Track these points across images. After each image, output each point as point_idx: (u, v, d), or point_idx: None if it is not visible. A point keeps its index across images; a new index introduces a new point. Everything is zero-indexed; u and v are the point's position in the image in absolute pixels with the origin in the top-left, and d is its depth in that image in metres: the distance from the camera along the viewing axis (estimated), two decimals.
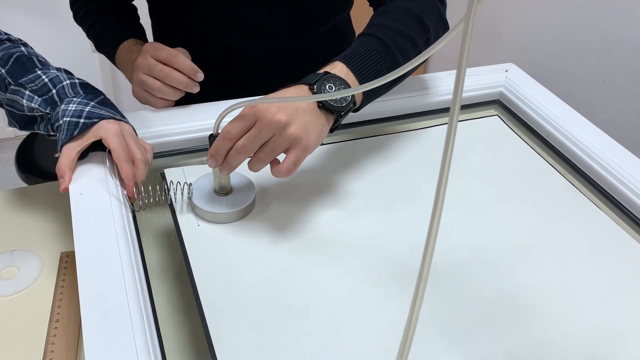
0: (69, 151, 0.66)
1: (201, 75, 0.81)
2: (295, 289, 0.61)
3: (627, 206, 0.75)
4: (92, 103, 0.68)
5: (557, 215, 0.73)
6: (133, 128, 0.71)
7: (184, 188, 0.70)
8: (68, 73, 0.72)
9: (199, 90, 0.82)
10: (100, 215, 0.63)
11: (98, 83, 2.28)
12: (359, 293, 0.61)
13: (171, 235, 0.70)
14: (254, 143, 0.62)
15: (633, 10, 1.37)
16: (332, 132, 0.69)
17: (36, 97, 0.68)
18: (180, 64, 0.80)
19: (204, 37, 0.94)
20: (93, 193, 0.65)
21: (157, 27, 1.03)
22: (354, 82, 0.68)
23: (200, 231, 0.67)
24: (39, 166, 1.48)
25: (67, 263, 0.68)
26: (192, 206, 0.70)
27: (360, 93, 0.69)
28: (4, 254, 0.69)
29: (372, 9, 0.85)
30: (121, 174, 0.66)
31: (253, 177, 0.72)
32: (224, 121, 0.63)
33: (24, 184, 1.47)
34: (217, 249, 0.65)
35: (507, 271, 0.65)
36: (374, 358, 0.55)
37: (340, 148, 0.83)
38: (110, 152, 0.67)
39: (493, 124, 0.91)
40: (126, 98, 2.35)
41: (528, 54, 1.73)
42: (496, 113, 0.94)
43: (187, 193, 0.70)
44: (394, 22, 0.74)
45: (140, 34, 0.95)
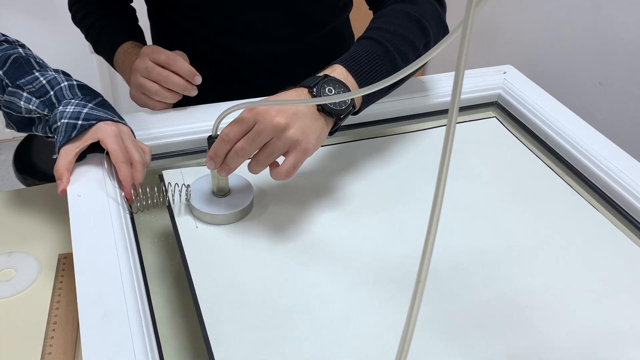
0: (67, 153, 0.66)
1: (199, 78, 0.81)
2: (293, 291, 0.61)
3: (625, 208, 0.75)
4: (90, 105, 0.68)
5: (555, 217, 0.73)
6: (131, 130, 0.71)
7: (182, 189, 0.70)
8: (66, 75, 0.72)
9: (197, 93, 0.82)
10: (98, 217, 0.62)
11: (96, 85, 2.28)
12: (358, 295, 0.61)
13: (169, 237, 0.70)
14: (253, 145, 0.62)
15: (631, 12, 1.37)
16: (332, 135, 0.69)
17: (34, 99, 0.68)
18: (178, 67, 0.79)
19: (203, 40, 0.94)
20: (91, 195, 0.65)
21: (156, 30, 1.03)
22: (354, 85, 0.68)
23: (198, 233, 0.67)
24: (37, 168, 1.47)
25: (65, 265, 0.68)
26: (190, 208, 0.70)
27: (359, 96, 0.69)
28: (2, 256, 0.68)
29: (372, 12, 0.85)
30: (119, 176, 0.66)
31: (251, 179, 0.72)
32: (223, 123, 0.63)
33: (22, 186, 1.47)
34: (215, 251, 0.65)
35: (506, 273, 0.65)
36: None
37: (338, 150, 0.83)
38: (108, 154, 0.67)
39: (491, 126, 0.91)
40: (124, 100, 2.34)
41: (526, 56, 1.73)
42: (494, 115, 0.94)
43: (185, 195, 0.70)
44: (394, 25, 0.74)
45: (138, 37, 0.95)
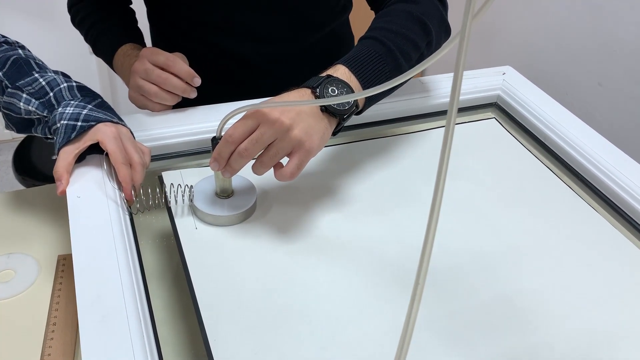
0: (67, 154, 0.66)
1: (198, 80, 0.81)
2: (293, 292, 0.61)
3: (624, 209, 0.75)
4: (90, 106, 0.68)
5: (554, 218, 0.73)
6: (130, 131, 0.71)
7: (185, 190, 0.70)
8: (65, 76, 0.72)
9: (196, 95, 0.82)
10: (97, 218, 0.62)
11: (96, 86, 2.28)
12: (357, 296, 0.61)
13: (169, 238, 0.70)
14: (257, 146, 0.62)
15: (630, 13, 1.37)
16: (335, 135, 0.69)
17: (33, 100, 0.68)
18: (177, 69, 0.79)
19: (202, 42, 0.94)
20: (90, 196, 0.65)
21: (155, 32, 1.03)
22: (357, 85, 0.68)
23: (198, 234, 0.67)
24: (36, 169, 1.47)
25: (65, 266, 0.67)
26: (193, 209, 0.70)
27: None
28: (1, 257, 0.68)
29: (373, 13, 0.85)
30: (119, 177, 0.66)
31: (254, 180, 0.72)
32: (227, 125, 0.63)
33: (21, 187, 1.47)
34: (215, 252, 0.65)
35: (505, 274, 0.65)
36: None
37: (339, 151, 0.83)
38: (107, 155, 0.67)
39: (490, 127, 0.91)
40: (124, 101, 2.34)
41: (525, 57, 1.73)
42: (493, 116, 0.94)
43: (189, 195, 0.70)
44: (396, 25, 0.74)
45: (138, 39, 0.95)
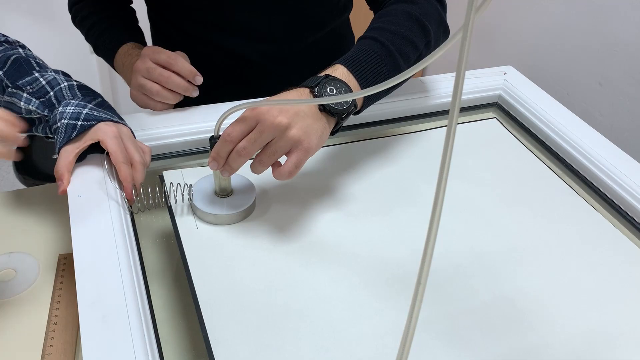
0: (67, 153, 0.66)
1: (200, 78, 0.81)
2: (293, 292, 0.61)
3: (625, 209, 0.75)
4: (90, 105, 0.68)
5: (555, 218, 0.73)
6: (131, 130, 0.70)
7: (185, 190, 0.70)
8: (66, 75, 0.72)
9: (198, 94, 0.82)
10: (98, 217, 0.62)
11: (96, 85, 2.27)
12: (358, 296, 0.61)
13: (169, 237, 0.70)
14: (255, 145, 0.62)
15: (631, 13, 1.37)
16: (333, 135, 0.69)
17: (34, 100, 0.68)
18: (179, 67, 0.79)
19: (203, 41, 0.94)
20: (91, 195, 0.65)
21: (156, 31, 1.03)
22: (355, 85, 0.68)
23: (198, 233, 0.67)
24: (37, 168, 1.47)
25: (65, 265, 0.67)
26: (193, 208, 0.70)
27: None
28: (2, 256, 0.68)
29: (372, 13, 0.85)
30: (119, 176, 0.66)
31: (253, 179, 0.72)
32: (225, 123, 0.63)
33: (22, 186, 1.47)
34: (216, 251, 0.65)
35: (506, 275, 0.65)
36: None
37: (339, 150, 0.83)
38: (108, 155, 0.67)
39: (491, 127, 0.91)
40: (124, 100, 2.34)
41: (526, 57, 1.73)
42: (494, 116, 0.94)
43: (188, 195, 0.70)
44: (395, 25, 0.74)
45: (139, 38, 0.95)
